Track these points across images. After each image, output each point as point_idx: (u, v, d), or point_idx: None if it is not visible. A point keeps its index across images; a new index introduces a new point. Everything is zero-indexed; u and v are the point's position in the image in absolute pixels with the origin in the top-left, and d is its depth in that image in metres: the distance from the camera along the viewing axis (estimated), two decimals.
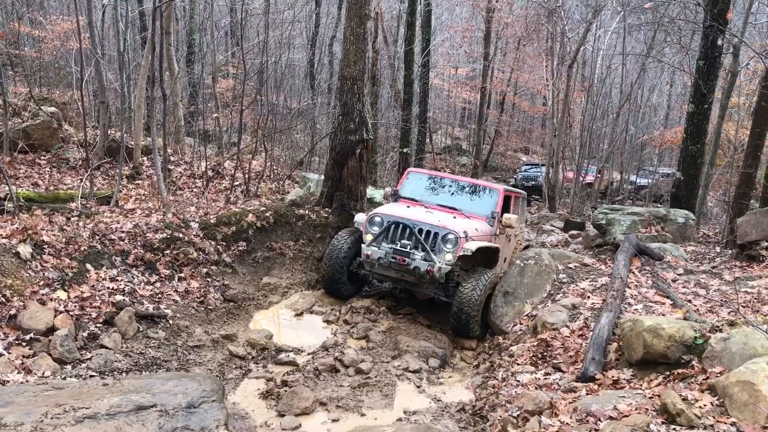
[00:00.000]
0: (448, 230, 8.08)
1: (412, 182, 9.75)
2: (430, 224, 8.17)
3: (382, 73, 23.43)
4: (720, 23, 11.60)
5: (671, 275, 8.08)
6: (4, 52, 17.93)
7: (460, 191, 9.51)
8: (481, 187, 9.54)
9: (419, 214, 8.49)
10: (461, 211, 9.09)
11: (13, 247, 6.64)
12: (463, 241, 8.03)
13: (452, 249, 8.01)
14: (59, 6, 23.53)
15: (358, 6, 10.23)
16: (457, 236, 8.01)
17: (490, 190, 9.40)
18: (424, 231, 8.16)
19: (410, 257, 8.10)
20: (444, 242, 8.06)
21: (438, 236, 8.09)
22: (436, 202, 9.31)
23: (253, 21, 23.25)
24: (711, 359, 4.97)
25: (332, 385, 6.30)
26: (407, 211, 8.67)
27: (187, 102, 20.31)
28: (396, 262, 8.18)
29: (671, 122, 28.87)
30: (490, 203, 9.17)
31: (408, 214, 8.43)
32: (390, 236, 8.32)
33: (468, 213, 9.06)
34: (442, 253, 8.06)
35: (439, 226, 8.13)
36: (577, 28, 21.80)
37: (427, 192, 9.56)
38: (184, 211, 9.25)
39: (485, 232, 8.72)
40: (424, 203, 9.31)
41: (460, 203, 9.27)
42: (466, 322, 7.90)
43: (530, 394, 5.26)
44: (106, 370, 5.98)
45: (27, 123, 11.80)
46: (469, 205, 9.24)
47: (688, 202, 12.53)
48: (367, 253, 8.35)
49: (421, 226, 8.19)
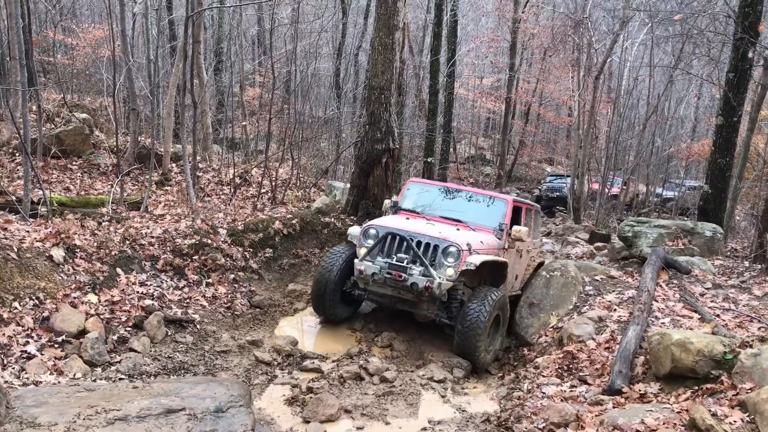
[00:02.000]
0: (449, 242, 7.36)
1: (413, 193, 9.04)
2: (430, 236, 7.46)
3: (408, 82, 23.51)
4: (751, 35, 11.50)
5: (699, 289, 8.00)
6: (38, 60, 18.33)
7: (465, 202, 8.77)
8: (487, 197, 8.82)
9: (418, 226, 7.82)
10: (466, 223, 8.35)
11: (46, 251, 6.78)
12: (465, 254, 7.31)
13: (454, 263, 7.29)
14: (91, 14, 24.00)
15: (386, 17, 10.31)
16: (460, 249, 7.29)
17: (497, 200, 8.67)
18: (423, 243, 7.44)
19: (407, 272, 7.32)
20: (445, 256, 7.36)
21: (438, 249, 7.38)
22: (438, 214, 8.58)
23: (280, 31, 23.48)
24: (741, 375, 4.92)
25: (357, 392, 6.32)
26: (405, 222, 7.98)
27: (215, 110, 20.55)
28: (392, 277, 7.38)
29: (698, 135, 28.59)
30: (497, 214, 8.41)
31: (406, 226, 7.74)
32: (386, 250, 7.60)
33: (473, 225, 8.30)
34: (442, 268, 7.33)
35: (440, 238, 7.42)
36: (604, 40, 21.70)
37: (429, 203, 8.84)
38: (212, 218, 9.37)
39: (492, 246, 8.00)
40: (426, 215, 8.58)
41: (464, 215, 8.53)
42: (472, 347, 7.20)
43: (556, 406, 5.24)
44: (135, 373, 6.07)
45: (60, 129, 12.06)
46: (474, 216, 8.48)
47: (715, 215, 12.39)
48: (360, 268, 7.56)
49: (419, 238, 7.47)
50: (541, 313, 8.10)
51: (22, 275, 6.34)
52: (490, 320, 7.28)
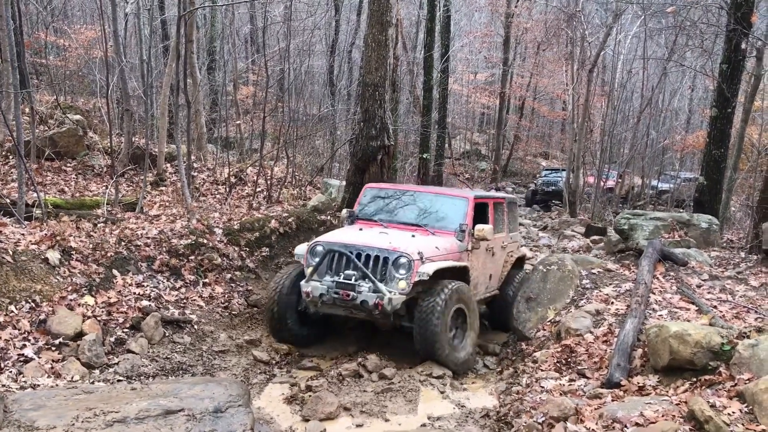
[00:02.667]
0: (399, 253, 6.83)
1: (370, 200, 8.48)
2: (379, 248, 6.93)
3: (402, 79, 23.48)
4: (744, 26, 11.50)
5: (696, 281, 8.01)
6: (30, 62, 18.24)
7: (424, 204, 8.19)
8: (446, 196, 8.32)
9: (367, 237, 7.28)
10: (425, 227, 7.81)
11: (42, 253, 6.77)
12: (417, 264, 6.79)
13: (406, 275, 6.78)
14: (83, 15, 23.91)
15: (379, 13, 10.29)
16: (410, 259, 6.78)
17: (457, 199, 8.13)
18: (372, 257, 6.91)
19: (355, 290, 6.79)
20: (396, 268, 6.83)
21: (388, 261, 6.86)
22: (397, 220, 8.03)
23: (273, 29, 23.43)
24: (739, 366, 4.93)
25: (356, 390, 6.32)
26: (355, 235, 7.46)
27: (209, 109, 20.50)
28: (339, 297, 6.84)
29: (693, 126, 28.63)
30: (458, 215, 7.85)
31: (353, 239, 7.22)
32: (334, 267, 7.05)
33: (433, 229, 7.76)
34: (394, 281, 6.82)
35: (389, 249, 6.89)
36: (597, 33, 21.71)
37: (387, 209, 8.27)
38: (208, 217, 9.35)
39: (451, 250, 7.50)
40: (384, 222, 8.03)
41: (423, 218, 7.98)
42: (431, 345, 6.74)
43: (555, 401, 5.24)
44: (133, 374, 6.07)
45: (53, 131, 12.02)
46: (434, 219, 7.94)
47: (711, 207, 12.41)
48: (307, 290, 6.98)
49: (367, 251, 6.94)
50: (538, 308, 8.10)
51: (17, 278, 6.33)
52: (447, 315, 6.82)
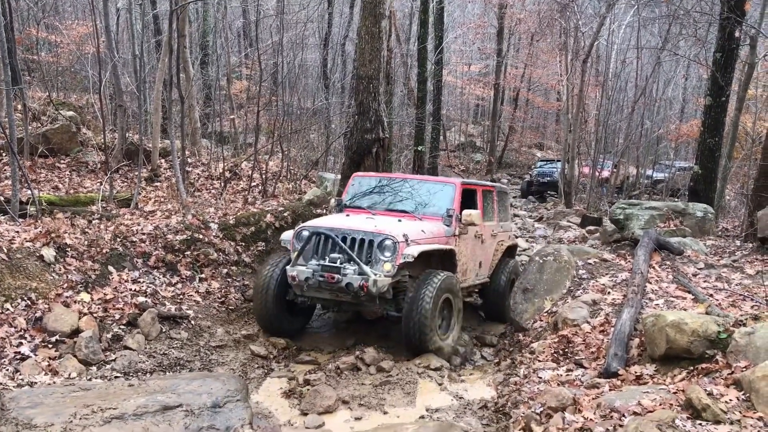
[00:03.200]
0: (384, 235, 6.90)
1: (358, 188, 8.63)
2: (364, 231, 7.01)
3: (396, 71, 23.43)
4: (737, 14, 11.50)
5: (692, 270, 8.03)
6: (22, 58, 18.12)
7: (412, 191, 8.31)
8: (433, 183, 8.44)
9: (353, 222, 7.35)
10: (413, 213, 7.95)
11: (36, 251, 6.73)
12: (402, 246, 6.86)
13: (390, 257, 6.85)
14: (74, 11, 23.75)
15: (372, 5, 10.25)
16: (395, 241, 6.85)
17: (444, 185, 8.26)
18: (358, 240, 6.98)
19: (341, 273, 6.86)
20: (381, 250, 6.90)
21: (374, 244, 6.93)
22: (384, 208, 8.18)
23: (266, 22, 23.34)
24: (735, 354, 4.94)
25: (354, 383, 6.33)
26: (341, 220, 7.56)
27: (203, 104, 20.43)
28: (325, 280, 6.93)
29: (687, 115, 28.68)
30: (445, 201, 7.98)
31: (337, 223, 7.31)
32: (320, 251, 7.14)
33: (421, 214, 7.90)
34: (379, 263, 6.88)
35: (374, 232, 6.97)
36: (591, 23, 21.68)
37: (375, 197, 8.43)
38: (203, 213, 9.32)
39: (437, 234, 7.58)
40: (372, 209, 8.15)
41: (411, 205, 8.12)
42: (420, 336, 6.77)
43: (553, 391, 5.25)
44: (130, 371, 6.05)
45: (46, 127, 11.96)
46: (421, 205, 8.08)
47: (706, 195, 12.44)
48: (293, 274, 7.07)
49: (353, 234, 7.02)
50: (535, 299, 8.11)
51: (12, 276, 6.30)
52: (436, 305, 6.88)
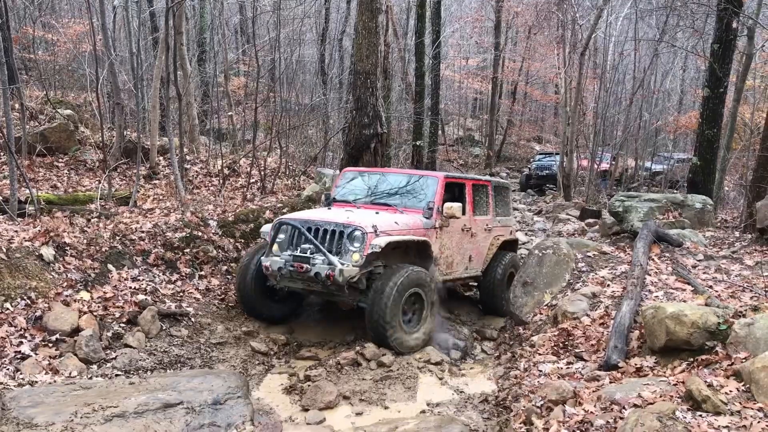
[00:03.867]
0: (353, 227, 7.05)
1: (346, 183, 8.83)
2: (335, 222, 7.18)
3: (393, 66, 23.39)
4: (734, 5, 11.49)
5: (691, 261, 8.03)
6: (19, 57, 18.08)
7: (397, 185, 8.45)
8: (417, 177, 8.53)
9: (329, 215, 7.53)
10: (396, 206, 8.05)
11: (36, 250, 6.73)
12: (371, 236, 6.97)
13: (359, 247, 6.99)
14: (71, 9, 23.70)
15: (369, 1, 10.23)
16: (364, 232, 6.98)
17: (426, 178, 8.35)
18: (329, 231, 7.15)
19: (310, 263, 7.04)
20: (351, 240, 7.04)
21: (344, 235, 7.09)
22: (368, 201, 8.32)
23: (262, 18, 23.28)
24: (735, 345, 4.94)
25: (355, 378, 6.34)
26: (320, 213, 7.78)
27: (200, 101, 20.40)
28: (295, 270, 7.12)
29: (685, 107, 28.65)
30: (427, 194, 8.09)
31: (312, 216, 7.53)
32: (294, 242, 7.36)
33: (403, 207, 8.00)
34: (348, 254, 7.02)
35: (344, 224, 7.13)
36: (588, 15, 21.64)
37: (363, 191, 8.54)
38: (202, 210, 9.32)
39: (413, 226, 7.66)
40: (357, 203, 8.32)
41: (394, 198, 8.26)
42: (380, 328, 6.84)
43: (553, 384, 5.26)
44: (131, 368, 6.06)
45: (44, 126, 11.95)
46: (404, 198, 8.20)
47: (705, 187, 12.45)
48: (266, 264, 7.32)
49: (324, 225, 7.20)
50: (534, 292, 8.11)
51: (12, 275, 6.30)
52: (398, 300, 6.92)
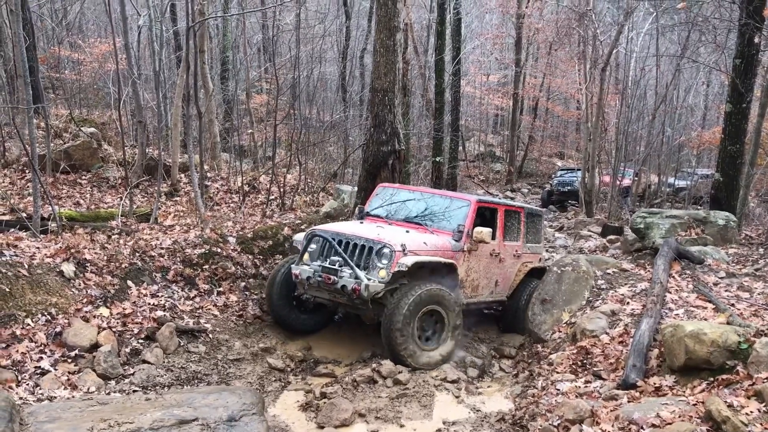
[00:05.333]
0: (382, 243, 7.16)
1: (380, 198, 8.90)
2: (366, 238, 7.30)
3: (413, 83, 23.49)
4: (756, 20, 11.39)
5: (712, 279, 7.92)
6: (46, 76, 18.48)
7: (430, 205, 8.52)
8: (450, 198, 8.59)
9: (361, 229, 7.65)
10: (426, 225, 8.14)
11: (57, 266, 6.83)
12: (399, 255, 7.07)
13: (386, 264, 7.08)
14: (97, 29, 24.18)
15: (387, 18, 10.30)
16: (392, 250, 7.08)
17: (459, 201, 8.40)
18: (359, 246, 7.28)
19: (338, 275, 7.18)
20: (379, 257, 7.15)
21: (373, 251, 7.20)
22: (401, 218, 8.38)
23: (285, 37, 23.55)
24: (756, 364, 4.87)
25: (371, 396, 6.32)
26: (352, 226, 7.90)
27: (222, 118, 20.64)
28: (322, 280, 7.28)
29: (709, 123, 28.32)
30: (458, 217, 8.13)
31: (345, 229, 7.64)
32: (324, 253, 7.53)
33: (433, 228, 8.08)
34: (375, 270, 7.14)
35: (374, 240, 7.24)
36: (609, 31, 21.58)
37: (396, 208, 8.64)
38: (221, 226, 9.39)
39: (442, 247, 7.73)
40: (390, 219, 8.38)
41: (425, 218, 8.33)
42: (393, 344, 6.89)
43: (571, 403, 5.21)
44: (148, 384, 6.10)
45: (68, 144, 12.18)
46: (435, 219, 8.28)
47: (728, 203, 12.28)
48: (296, 272, 7.50)
49: (355, 240, 7.33)
50: (553, 309, 8.05)
51: (33, 291, 6.39)
52: (414, 314, 6.97)
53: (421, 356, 7.08)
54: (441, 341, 7.39)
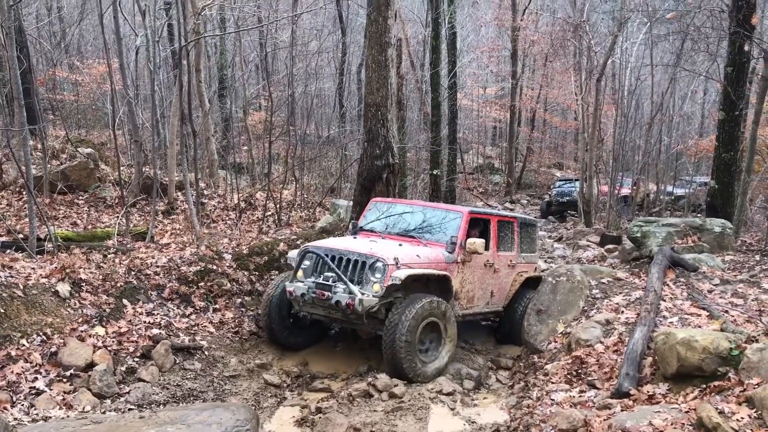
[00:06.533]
0: (375, 258, 7.19)
1: (374, 213, 8.93)
2: (358, 252, 7.33)
3: (409, 96, 23.62)
4: (746, 29, 11.47)
5: (707, 286, 7.93)
6: (46, 98, 18.63)
7: (423, 218, 8.56)
8: (442, 210, 8.66)
9: (354, 244, 7.70)
10: (419, 238, 8.17)
11: (52, 286, 6.86)
12: (392, 268, 7.09)
13: (380, 278, 7.10)
14: (95, 50, 24.36)
15: (378, 34, 10.39)
16: (385, 264, 7.10)
17: (452, 213, 8.44)
18: (352, 261, 7.30)
19: (331, 291, 7.19)
20: (372, 271, 7.18)
21: (366, 265, 7.23)
22: (394, 232, 8.42)
23: (281, 54, 23.71)
24: (748, 371, 4.87)
25: (366, 410, 6.31)
26: (345, 242, 7.95)
27: (220, 136, 20.75)
28: (317, 297, 7.29)
29: (706, 130, 28.38)
30: (451, 228, 8.15)
31: (338, 245, 7.70)
32: (318, 270, 7.57)
33: (426, 240, 8.11)
34: (369, 284, 7.16)
35: (367, 254, 7.26)
36: (604, 42, 21.69)
37: (389, 222, 8.66)
38: (217, 243, 9.43)
39: (435, 260, 7.73)
40: (382, 233, 8.42)
41: (418, 230, 8.35)
42: (397, 358, 6.90)
43: (564, 413, 5.21)
44: (144, 403, 6.11)
45: (65, 165, 12.24)
46: (428, 231, 8.31)
47: (724, 210, 12.30)
48: (290, 289, 7.50)
49: (348, 255, 7.35)
50: (549, 320, 8.05)
51: (28, 312, 6.42)
52: (416, 327, 7.00)
53: (424, 371, 7.12)
54: (438, 352, 7.43)
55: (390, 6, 10.52)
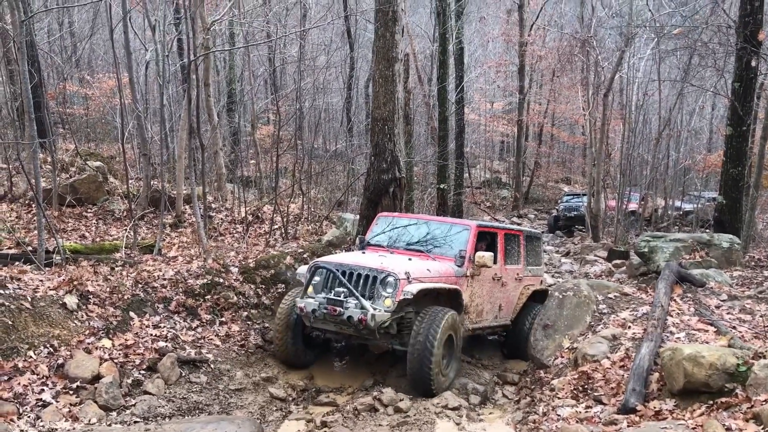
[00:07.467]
0: (386, 272, 7.14)
1: (381, 227, 8.91)
2: (369, 267, 7.28)
3: (417, 111, 23.71)
4: (753, 45, 11.48)
5: (714, 302, 7.88)
6: (56, 111, 18.81)
7: (431, 232, 8.55)
8: (450, 225, 8.64)
9: (363, 259, 7.65)
10: (428, 252, 8.17)
11: (60, 299, 6.91)
12: (404, 283, 7.05)
13: (392, 293, 7.05)
14: (105, 65, 24.60)
15: (385, 50, 10.47)
16: (397, 278, 7.06)
17: (459, 227, 8.45)
18: (363, 276, 7.25)
19: (343, 306, 7.13)
20: (383, 286, 7.13)
21: (377, 280, 7.17)
22: (402, 246, 8.41)
23: (290, 69, 23.88)
24: (755, 387, 4.85)
25: (371, 424, 6.30)
26: (354, 257, 7.89)
27: (229, 150, 20.86)
28: (328, 312, 7.20)
29: (715, 146, 28.34)
30: (459, 242, 8.16)
31: (348, 260, 7.63)
32: (329, 285, 7.49)
33: (435, 254, 8.11)
34: (381, 299, 7.12)
35: (378, 269, 7.22)
36: (611, 57, 21.73)
37: (397, 236, 8.66)
38: (224, 257, 9.46)
39: (445, 274, 7.72)
40: (390, 248, 8.41)
41: (428, 244, 8.36)
42: (425, 371, 6.89)
43: (570, 428, 5.19)
44: (149, 415, 6.11)
45: (74, 178, 12.33)
46: (436, 245, 8.31)
47: (732, 226, 12.24)
48: (301, 306, 7.39)
49: (358, 270, 7.30)
50: (555, 335, 8.02)
51: (36, 324, 6.46)
52: (442, 341, 7.02)
53: (444, 383, 7.19)
54: (451, 363, 7.48)
55: (397, 21, 10.61)
